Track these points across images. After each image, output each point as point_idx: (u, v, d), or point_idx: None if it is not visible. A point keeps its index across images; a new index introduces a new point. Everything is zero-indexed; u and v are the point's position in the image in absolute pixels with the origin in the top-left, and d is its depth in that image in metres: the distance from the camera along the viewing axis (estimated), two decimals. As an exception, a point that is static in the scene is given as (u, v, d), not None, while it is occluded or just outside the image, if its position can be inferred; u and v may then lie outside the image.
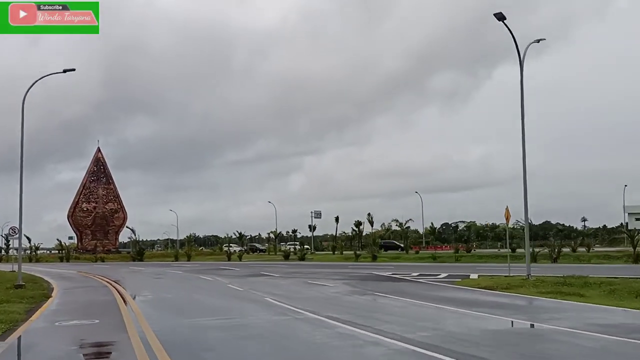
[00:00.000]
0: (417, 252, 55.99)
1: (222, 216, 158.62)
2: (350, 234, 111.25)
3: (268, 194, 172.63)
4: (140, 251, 56.21)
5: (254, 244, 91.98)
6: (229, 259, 51.70)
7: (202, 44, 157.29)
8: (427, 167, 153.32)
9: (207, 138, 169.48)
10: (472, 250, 52.91)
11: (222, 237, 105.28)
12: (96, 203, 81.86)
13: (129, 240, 56.77)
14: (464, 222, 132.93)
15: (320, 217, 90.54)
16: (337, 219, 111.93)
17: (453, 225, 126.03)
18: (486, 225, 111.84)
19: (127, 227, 58.21)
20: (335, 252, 64.17)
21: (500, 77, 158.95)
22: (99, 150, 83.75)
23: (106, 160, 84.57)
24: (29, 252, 71.44)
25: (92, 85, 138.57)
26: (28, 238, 67.25)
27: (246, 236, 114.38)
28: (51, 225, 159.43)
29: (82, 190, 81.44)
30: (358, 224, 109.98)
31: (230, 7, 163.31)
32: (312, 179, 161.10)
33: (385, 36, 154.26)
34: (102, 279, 26.55)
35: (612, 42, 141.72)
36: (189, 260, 53.23)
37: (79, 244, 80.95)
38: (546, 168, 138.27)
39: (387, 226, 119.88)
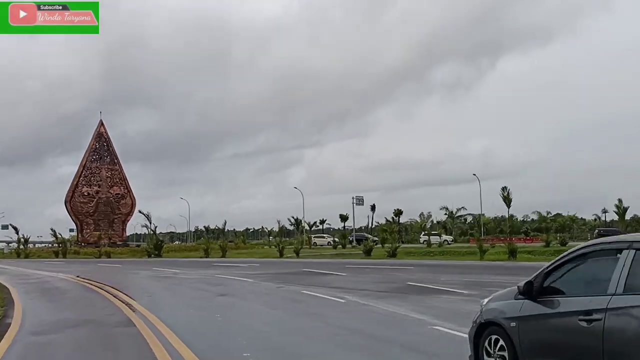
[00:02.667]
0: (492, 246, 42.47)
1: (223, 210, 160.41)
2: (384, 225, 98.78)
3: (268, 188, 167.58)
4: (158, 244, 43.00)
5: (362, 233, 76.94)
6: (282, 255, 38.34)
7: (202, 37, 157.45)
8: (427, 159, 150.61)
9: (207, 131, 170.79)
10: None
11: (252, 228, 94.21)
12: (99, 187, 68.40)
13: (145, 230, 43.23)
14: (472, 214, 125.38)
15: (362, 204, 77.42)
16: (373, 208, 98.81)
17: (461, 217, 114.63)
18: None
19: (140, 212, 44.73)
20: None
21: (504, 68, 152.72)
22: (101, 124, 70.15)
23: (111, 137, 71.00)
24: (15, 245, 58.34)
25: (93, 78, 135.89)
26: (15, 229, 53.99)
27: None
28: (50, 218, 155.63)
29: (81, 172, 67.92)
30: (398, 212, 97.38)
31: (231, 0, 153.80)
32: (312, 172, 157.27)
33: (386, 27, 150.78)
34: (119, 300, 13.21)
35: (619, 34, 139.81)
36: (224, 256, 39.87)
37: (79, 235, 67.57)
38: (550, 160, 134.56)
39: (426, 216, 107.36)
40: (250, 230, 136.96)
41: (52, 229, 51.43)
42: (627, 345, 4.02)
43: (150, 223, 44.66)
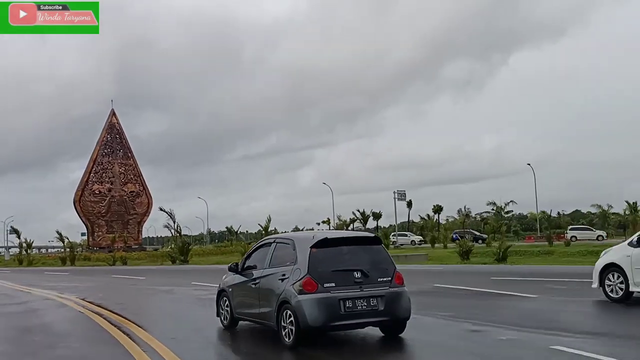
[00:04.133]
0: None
1: (233, 211, 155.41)
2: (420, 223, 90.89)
3: (278, 189, 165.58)
4: (184, 247, 35.25)
5: (471, 230, 67.13)
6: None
7: (210, 38, 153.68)
8: (438, 158, 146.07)
9: (217, 133, 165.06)
10: None
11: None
12: (111, 184, 60.96)
13: (169, 230, 35.51)
14: (488, 212, 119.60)
15: (404, 199, 69.29)
16: (409, 204, 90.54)
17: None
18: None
19: (161, 209, 37.01)
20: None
21: (516, 64, 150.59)
22: (113, 113, 62.69)
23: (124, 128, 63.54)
24: (17, 250, 51.05)
25: (102, 82, 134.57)
26: (16, 232, 46.56)
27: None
28: (61, 224, 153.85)
29: (92, 167, 60.50)
30: (438, 209, 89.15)
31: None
32: (322, 173, 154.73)
33: (396, 24, 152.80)
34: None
35: (632, 26, 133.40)
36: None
37: (90, 238, 60.15)
38: (565, 155, 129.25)
39: (464, 212, 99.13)
40: (263, 231, 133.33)
41: (57, 232, 44.05)
42: (266, 295, 7.73)
43: (174, 222, 37.06)
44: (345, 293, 7.07)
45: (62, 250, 54.47)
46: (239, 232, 76.49)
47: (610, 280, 10.51)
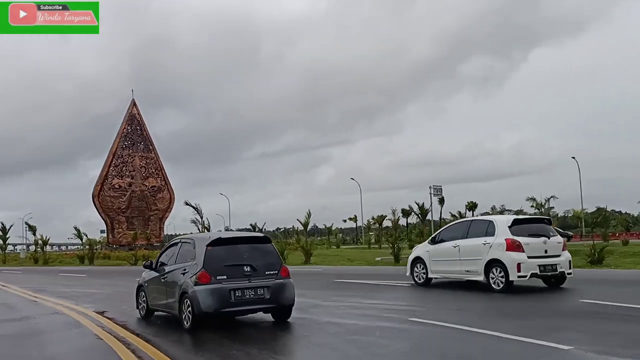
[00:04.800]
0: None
1: (251, 209, 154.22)
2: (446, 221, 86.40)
3: (296, 187, 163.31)
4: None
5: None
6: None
7: (228, 36, 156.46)
8: (458, 155, 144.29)
9: (235, 130, 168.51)
10: None
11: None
12: (132, 178, 57.77)
13: (195, 225, 31.88)
14: (510, 210, 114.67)
15: (440, 194, 65.28)
16: (442, 201, 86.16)
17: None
18: None
19: (187, 203, 33.46)
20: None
21: (537, 60, 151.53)
22: (134, 104, 59.49)
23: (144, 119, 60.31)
24: (32, 248, 48.07)
25: (121, 80, 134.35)
26: (31, 227, 43.48)
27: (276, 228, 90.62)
28: (81, 221, 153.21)
29: (111, 160, 57.34)
30: (472, 205, 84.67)
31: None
32: (340, 171, 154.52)
33: (415, 20, 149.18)
34: None
35: None
36: (307, 261, 28.34)
37: (110, 236, 57.04)
38: (586, 153, 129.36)
39: (499, 209, 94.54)
40: (281, 229, 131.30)
41: (75, 228, 40.89)
42: (171, 287, 8.93)
43: (202, 217, 33.57)
44: (235, 284, 8.29)
45: (81, 247, 51.59)
46: (263, 229, 73.29)
47: (417, 270, 13.94)
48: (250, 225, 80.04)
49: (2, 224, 44.51)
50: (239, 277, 8.39)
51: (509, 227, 12.30)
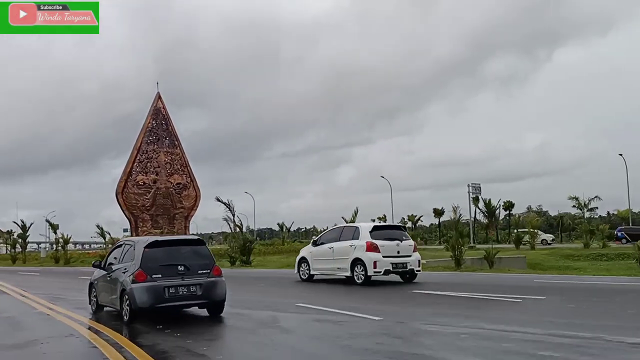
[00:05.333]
0: None
1: (272, 209, 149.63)
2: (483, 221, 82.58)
3: (317, 186, 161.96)
4: (246, 246, 28.78)
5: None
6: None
7: (250, 36, 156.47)
8: (480, 155, 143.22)
9: (256, 130, 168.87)
10: None
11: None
12: (157, 175, 55.12)
13: (227, 224, 29.15)
14: (536, 211, 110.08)
15: (479, 193, 61.73)
16: (476, 200, 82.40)
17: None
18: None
19: (218, 199, 30.69)
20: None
21: (562, 59, 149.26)
22: (158, 97, 56.87)
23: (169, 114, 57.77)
24: (54, 247, 45.87)
25: (145, 80, 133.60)
26: (52, 225, 41.29)
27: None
28: (104, 220, 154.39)
29: (136, 156, 54.81)
30: (509, 205, 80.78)
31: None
32: (361, 171, 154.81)
33: (437, 19, 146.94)
34: None
35: None
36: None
37: (133, 234, 54.61)
38: (609, 154, 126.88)
39: (536, 209, 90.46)
40: (302, 229, 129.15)
41: (98, 226, 38.58)
42: (114, 285, 9.95)
43: (234, 215, 30.77)
44: (169, 282, 9.38)
45: (103, 247, 49.32)
46: (291, 229, 70.52)
47: (302, 268, 17.11)
48: (278, 224, 77.41)
49: (22, 222, 42.48)
50: (173, 275, 9.40)
51: (370, 232, 14.97)
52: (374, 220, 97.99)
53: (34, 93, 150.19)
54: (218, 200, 31.34)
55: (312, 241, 17.03)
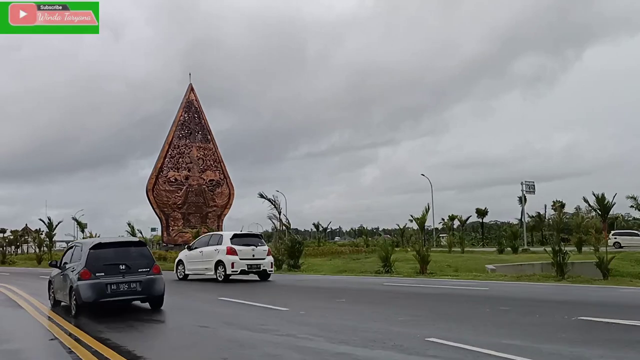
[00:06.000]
0: None
1: (296, 209, 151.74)
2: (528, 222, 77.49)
3: (341, 187, 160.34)
4: (296, 248, 25.10)
5: None
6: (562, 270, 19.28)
7: (275, 36, 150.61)
8: (507, 156, 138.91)
9: (280, 130, 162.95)
10: None
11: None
12: (189, 171, 52.40)
13: (272, 222, 25.47)
14: (584, 212, 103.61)
15: (533, 192, 57.16)
16: (523, 199, 77.43)
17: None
18: None
19: (261, 195, 27.02)
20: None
21: (591, 59, 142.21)
22: (191, 89, 54.14)
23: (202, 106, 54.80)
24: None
25: (171, 80, 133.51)
26: (80, 224, 38.39)
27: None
28: (131, 220, 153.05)
29: (167, 151, 52.07)
30: (560, 205, 75.70)
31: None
32: (386, 171, 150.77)
33: (464, 17, 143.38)
34: None
35: None
36: (423, 271, 21.41)
37: (164, 234, 51.77)
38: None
39: (585, 210, 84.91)
40: (328, 230, 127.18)
41: (129, 224, 35.58)
42: (65, 282, 11.19)
43: (279, 212, 27.18)
44: (111, 279, 10.37)
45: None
46: (328, 229, 66.84)
47: (179, 269, 19.55)
48: (313, 224, 73.71)
49: (49, 220, 39.81)
50: (115, 273, 10.49)
51: (231, 239, 18.01)
52: (408, 223, 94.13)
53: (62, 93, 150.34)
54: (262, 196, 27.65)
55: (186, 246, 19.73)
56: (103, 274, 10.33)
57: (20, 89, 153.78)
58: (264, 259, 18.53)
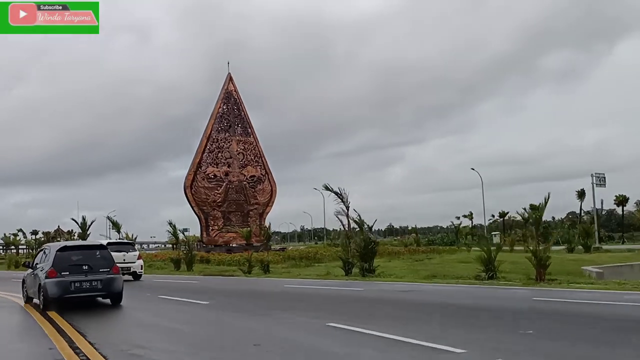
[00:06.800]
0: None
1: (321, 209, 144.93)
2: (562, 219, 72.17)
3: (366, 186, 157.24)
4: (369, 248, 21.03)
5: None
6: None
7: (301, 36, 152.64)
8: (536, 153, 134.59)
9: (307, 130, 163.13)
10: None
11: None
12: (228, 166, 48.82)
13: (338, 219, 21.42)
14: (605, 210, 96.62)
15: (604, 185, 52.11)
16: (581, 194, 71.96)
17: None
18: None
19: (327, 187, 23.10)
20: None
21: (622, 53, 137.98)
22: (230, 79, 50.58)
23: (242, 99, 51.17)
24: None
25: (198, 82, 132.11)
26: (115, 224, 35.04)
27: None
28: (161, 221, 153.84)
29: (205, 145, 48.56)
30: (622, 199, 70.12)
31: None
32: (412, 170, 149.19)
33: (491, 13, 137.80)
34: None
35: None
36: (542, 278, 16.97)
37: (204, 234, 48.28)
38: None
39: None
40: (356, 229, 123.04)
41: (170, 224, 32.09)
42: (35, 280, 12.57)
43: (348, 208, 23.27)
44: (75, 278, 11.73)
45: (169, 246, 42.71)
46: (372, 227, 62.93)
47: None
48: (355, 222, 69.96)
49: (84, 219, 36.64)
50: (78, 273, 11.79)
51: (107, 245, 16.43)
52: (456, 221, 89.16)
53: (91, 97, 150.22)
54: (327, 188, 23.66)
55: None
56: (67, 273, 11.67)
57: (52, 94, 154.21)
58: (134, 262, 22.25)
